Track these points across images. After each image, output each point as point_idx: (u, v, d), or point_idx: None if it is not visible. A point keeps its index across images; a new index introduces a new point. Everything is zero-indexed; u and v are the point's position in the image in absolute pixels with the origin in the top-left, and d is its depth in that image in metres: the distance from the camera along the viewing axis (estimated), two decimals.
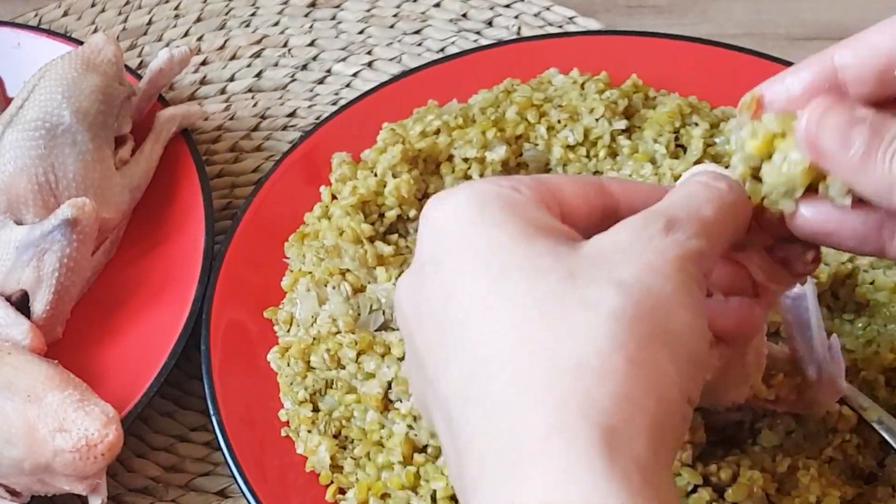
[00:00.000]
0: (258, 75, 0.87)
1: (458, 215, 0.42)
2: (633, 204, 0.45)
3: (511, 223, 0.41)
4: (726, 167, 0.70)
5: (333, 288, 0.67)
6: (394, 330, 0.66)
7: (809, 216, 0.45)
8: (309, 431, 0.63)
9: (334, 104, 0.84)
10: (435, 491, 0.59)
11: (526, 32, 0.87)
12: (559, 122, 0.72)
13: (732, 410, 0.57)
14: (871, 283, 0.66)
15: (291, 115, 0.84)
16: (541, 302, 0.39)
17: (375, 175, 0.71)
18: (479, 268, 0.40)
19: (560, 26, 0.88)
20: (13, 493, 0.62)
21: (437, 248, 0.42)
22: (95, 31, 0.90)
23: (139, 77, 0.79)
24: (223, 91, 0.86)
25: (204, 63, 0.87)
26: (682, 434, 0.40)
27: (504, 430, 0.38)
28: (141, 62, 0.88)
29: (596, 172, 0.71)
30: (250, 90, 0.86)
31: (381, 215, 0.71)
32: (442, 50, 0.87)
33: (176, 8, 0.91)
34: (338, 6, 0.91)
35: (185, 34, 0.90)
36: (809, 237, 0.46)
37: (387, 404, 0.63)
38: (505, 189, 0.43)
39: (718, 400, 0.55)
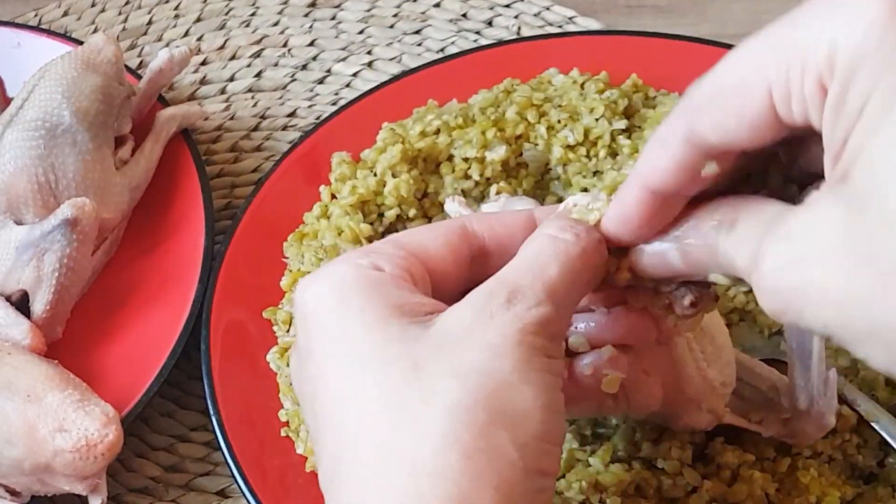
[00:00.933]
0: (258, 75, 0.87)
1: (319, 303, 0.43)
2: (499, 241, 0.45)
3: (368, 309, 0.41)
4: None
5: None
6: None
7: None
8: (309, 432, 0.63)
9: (334, 104, 0.84)
10: None
11: (526, 32, 0.87)
12: (559, 121, 0.72)
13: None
14: None
15: (291, 115, 0.84)
16: (386, 398, 0.40)
17: (375, 175, 0.71)
18: (337, 359, 0.41)
19: (560, 26, 0.88)
20: (13, 493, 0.62)
21: (305, 335, 0.43)
22: (95, 31, 0.90)
23: (139, 77, 0.79)
24: (223, 91, 0.86)
25: (204, 63, 0.87)
26: None
27: None
28: (141, 62, 0.88)
29: (596, 172, 0.71)
30: (250, 90, 0.86)
31: (381, 215, 0.71)
32: (442, 50, 0.87)
33: (176, 8, 0.91)
34: (338, 6, 0.91)
35: (185, 34, 0.90)
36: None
37: None
38: (365, 270, 0.43)
39: (675, 426, 0.55)
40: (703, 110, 0.39)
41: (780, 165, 0.42)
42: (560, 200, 0.71)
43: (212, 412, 0.63)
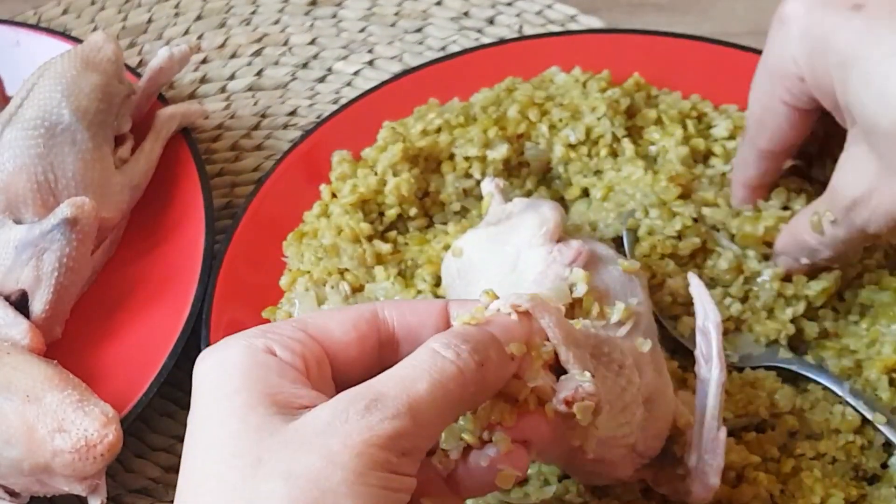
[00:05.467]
0: (259, 74, 0.86)
1: (207, 378, 0.43)
2: (410, 330, 0.45)
3: (240, 394, 0.41)
4: None
5: (332, 287, 0.67)
6: None
7: None
8: None
9: (335, 103, 0.84)
10: None
11: (528, 31, 0.87)
12: (560, 120, 0.72)
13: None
14: (876, 284, 0.65)
15: (292, 113, 0.84)
16: (220, 492, 0.40)
17: (376, 173, 0.71)
18: (197, 439, 0.42)
19: (562, 24, 0.88)
20: (12, 493, 0.61)
21: (191, 406, 0.44)
22: (95, 29, 0.89)
23: (139, 75, 0.78)
24: (223, 89, 0.86)
25: (204, 61, 0.87)
26: None
27: None
28: (141, 60, 0.87)
29: (597, 172, 0.71)
30: (251, 89, 0.86)
31: (381, 214, 0.70)
32: (443, 48, 0.87)
33: (176, 6, 0.91)
34: (339, 4, 0.90)
35: (186, 32, 0.89)
36: None
37: None
38: (254, 351, 0.43)
39: (575, 476, 0.56)
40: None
41: None
42: (562, 199, 0.71)
43: None
